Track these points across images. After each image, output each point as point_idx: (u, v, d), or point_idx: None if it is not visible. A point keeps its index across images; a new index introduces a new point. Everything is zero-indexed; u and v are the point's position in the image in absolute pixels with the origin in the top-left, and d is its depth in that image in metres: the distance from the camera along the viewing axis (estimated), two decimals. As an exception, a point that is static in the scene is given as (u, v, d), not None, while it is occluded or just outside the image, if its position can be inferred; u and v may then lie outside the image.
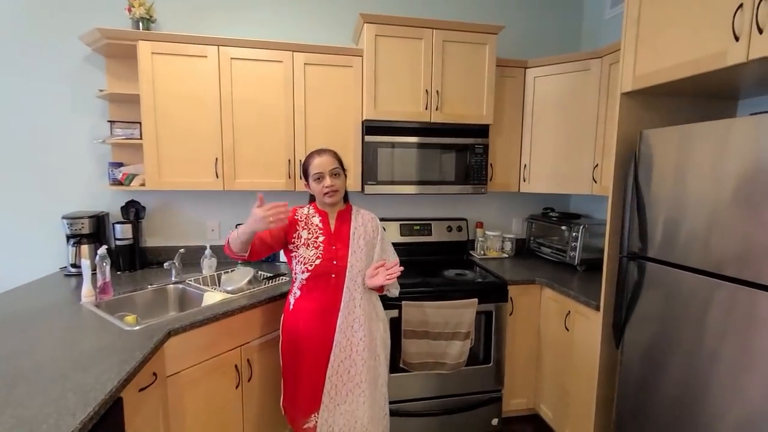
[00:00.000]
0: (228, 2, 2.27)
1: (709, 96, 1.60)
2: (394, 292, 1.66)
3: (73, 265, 2.02)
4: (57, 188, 2.18)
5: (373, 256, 1.59)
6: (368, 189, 2.15)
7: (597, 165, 2.13)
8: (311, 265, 1.51)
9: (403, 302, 1.91)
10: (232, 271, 2.03)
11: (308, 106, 2.10)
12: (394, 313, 1.94)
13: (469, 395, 2.10)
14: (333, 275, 1.52)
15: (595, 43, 2.57)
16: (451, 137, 2.21)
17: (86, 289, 1.61)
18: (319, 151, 1.54)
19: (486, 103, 2.20)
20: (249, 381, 1.71)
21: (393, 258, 1.65)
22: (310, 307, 1.53)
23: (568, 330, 1.95)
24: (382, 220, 2.47)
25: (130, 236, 2.13)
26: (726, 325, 1.17)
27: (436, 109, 2.15)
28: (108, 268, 1.67)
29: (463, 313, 1.95)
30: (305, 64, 2.07)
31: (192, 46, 1.94)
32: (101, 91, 2.06)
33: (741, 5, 1.12)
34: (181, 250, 2.03)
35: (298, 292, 1.56)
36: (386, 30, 2.05)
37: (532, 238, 2.73)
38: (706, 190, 1.24)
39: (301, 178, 2.02)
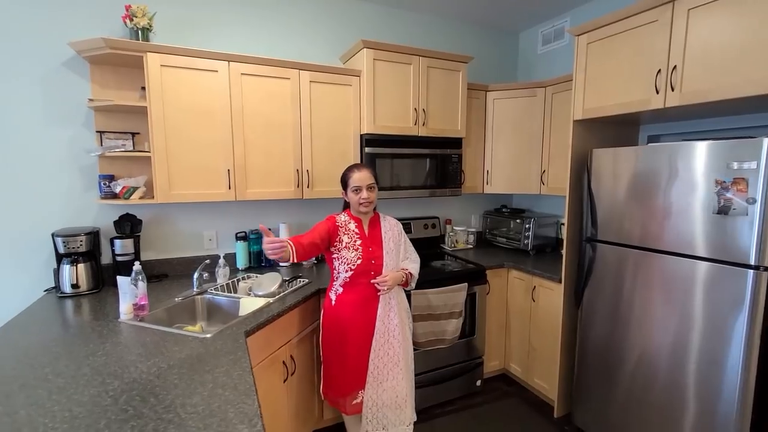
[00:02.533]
0: (218, 17, 2.30)
1: (625, 123, 2.25)
2: (412, 285, 1.94)
3: (74, 286, 1.89)
4: (33, 204, 1.99)
5: (400, 253, 1.89)
6: (368, 195, 2.42)
7: (544, 171, 2.72)
8: (354, 265, 1.75)
9: (411, 292, 2.24)
10: (256, 277, 2.12)
11: (313, 119, 2.28)
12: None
13: (460, 363, 2.53)
14: (372, 272, 1.78)
15: (529, 73, 3.20)
16: (434, 148, 2.60)
17: (126, 306, 1.60)
18: (358, 167, 1.79)
19: (460, 119, 2.64)
20: (292, 375, 1.87)
21: (414, 256, 1.97)
22: (352, 300, 1.77)
23: (534, 301, 2.50)
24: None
25: (132, 251, 2.07)
26: (646, 278, 1.76)
27: (423, 125, 2.52)
28: (145, 284, 1.67)
29: (458, 295, 2.36)
30: (311, 81, 2.24)
31: (203, 60, 1.98)
32: (92, 100, 1.96)
33: (660, 70, 1.71)
34: (207, 261, 2.05)
35: (340, 289, 1.80)
36: (382, 55, 2.34)
37: (487, 231, 3.27)
38: (628, 191, 1.82)
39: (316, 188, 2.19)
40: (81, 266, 1.92)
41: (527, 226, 2.85)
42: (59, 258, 1.92)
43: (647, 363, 1.81)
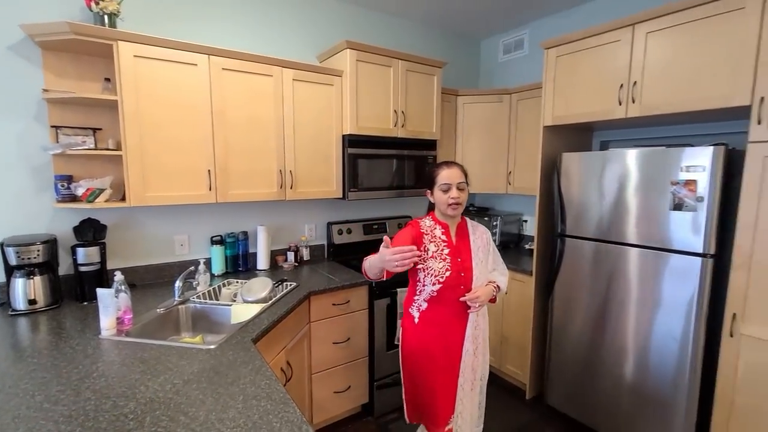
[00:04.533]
0: (192, 8, 2.15)
1: (583, 129, 2.50)
2: (498, 300, 1.74)
3: (31, 301, 1.66)
4: (-29, 209, 1.71)
5: (487, 265, 1.64)
6: (351, 195, 2.42)
7: (510, 172, 2.92)
8: (442, 277, 1.50)
9: (398, 289, 2.29)
10: (238, 282, 2.02)
11: (296, 118, 2.23)
12: (388, 300, 2.31)
13: (440, 357, 2.63)
14: (462, 286, 1.53)
15: (490, 80, 3.41)
16: (412, 149, 2.67)
17: (108, 320, 1.45)
18: (449, 163, 1.56)
19: (435, 122, 2.74)
20: (289, 380, 1.82)
21: (502, 267, 1.72)
22: (439, 317, 1.54)
23: (506, 293, 2.68)
24: (348, 222, 2.78)
25: (98, 260, 1.86)
26: (612, 268, 2.00)
27: (402, 126, 2.57)
28: (128, 295, 1.52)
29: (439, 291, 2.45)
30: (294, 80, 2.19)
31: (181, 52, 1.84)
32: (46, 91, 1.73)
33: (622, 85, 1.94)
34: (192, 268, 1.91)
35: (425, 305, 1.56)
36: (364, 56, 2.35)
37: (454, 229, 3.42)
38: (595, 190, 2.05)
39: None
40: (38, 279, 1.69)
41: (495, 223, 3.03)
42: (9, 270, 1.68)
43: (614, 344, 2.04)
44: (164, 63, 1.81)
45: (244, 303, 1.82)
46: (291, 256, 2.52)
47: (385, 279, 1.47)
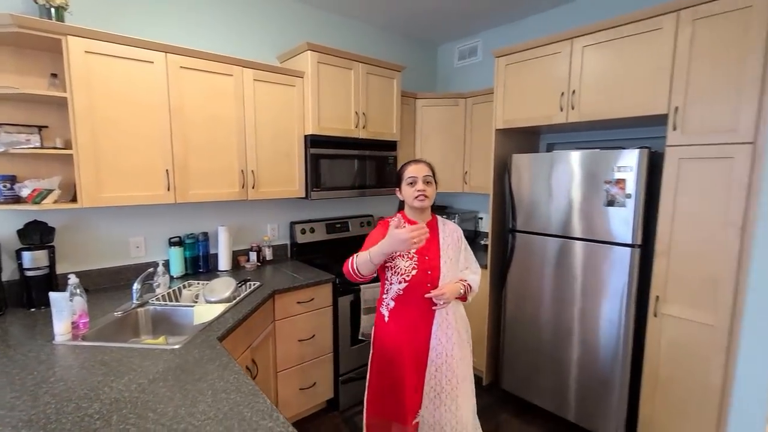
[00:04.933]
0: (145, 3, 2.10)
1: (531, 132, 2.70)
2: (470, 299, 1.66)
3: (-29, 310, 1.56)
4: None
5: (458, 263, 1.64)
6: (314, 195, 2.46)
7: (466, 171, 3.08)
8: (408, 276, 1.51)
9: (361, 286, 2.35)
10: (198, 284, 1.99)
11: (258, 118, 2.23)
12: (351, 297, 2.37)
13: (402, 350, 2.73)
14: (428, 284, 1.53)
15: (447, 84, 3.57)
16: (373, 150, 2.74)
17: (63, 325, 1.40)
18: (416, 161, 1.59)
19: (395, 123, 2.83)
20: (254, 379, 1.83)
21: (475, 266, 1.71)
22: (407, 316, 1.56)
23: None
24: (311, 221, 2.81)
25: (46, 264, 1.77)
26: (557, 259, 2.20)
27: (363, 128, 2.64)
28: (84, 298, 1.48)
29: (401, 287, 2.55)
30: (254, 80, 2.19)
31: (136, 49, 1.80)
32: (-14, 85, 1.63)
33: (563, 93, 2.13)
34: (150, 269, 1.86)
35: (392, 303, 1.57)
36: (326, 59, 2.39)
37: (415, 227, 3.55)
38: (542, 189, 2.24)
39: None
40: (-22, 286, 1.59)
41: (453, 220, 3.18)
42: (-56, 278, 1.57)
43: (561, 329, 2.24)
44: (119, 60, 1.76)
45: (207, 303, 1.81)
46: (253, 256, 2.51)
47: (367, 278, 1.47)
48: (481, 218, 3.36)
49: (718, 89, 1.66)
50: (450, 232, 1.64)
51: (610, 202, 1.98)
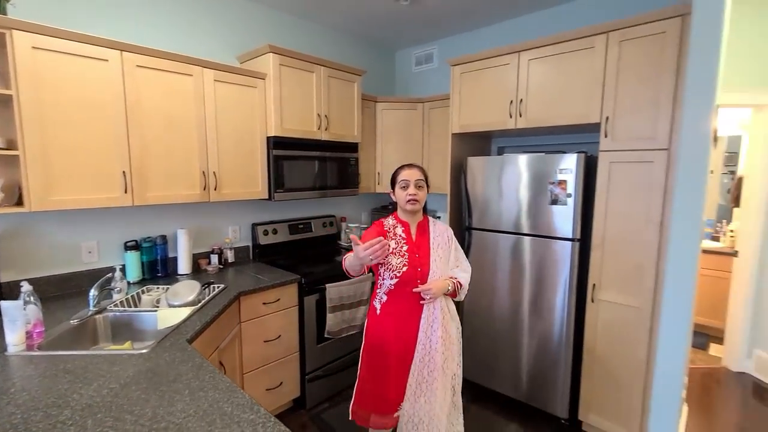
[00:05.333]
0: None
1: (484, 137, 2.90)
2: (461, 296, 1.72)
3: None
4: None
5: (448, 261, 1.73)
6: (277, 196, 2.47)
7: (425, 173, 3.23)
8: (399, 272, 1.62)
9: (327, 285, 2.41)
10: (158, 288, 1.94)
11: (219, 119, 2.21)
12: (317, 296, 2.42)
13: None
14: (418, 281, 1.63)
15: (406, 88, 3.70)
16: (335, 152, 2.80)
17: (16, 335, 1.33)
18: (409, 165, 1.69)
19: (356, 126, 2.91)
20: (222, 381, 1.83)
21: (465, 264, 1.79)
22: (397, 309, 1.65)
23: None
24: (274, 222, 2.82)
25: (-12, 272, 1.66)
26: (509, 254, 2.39)
27: (326, 130, 2.69)
28: (39, 306, 1.41)
29: (365, 285, 2.63)
30: (215, 80, 2.17)
31: (89, 46, 1.73)
32: None
33: (512, 101, 2.33)
34: (109, 274, 1.78)
35: (385, 297, 1.68)
36: (287, 61, 2.42)
37: (376, 226, 3.65)
38: (495, 189, 2.43)
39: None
40: None
41: (412, 220, 3.31)
42: None
43: (513, 317, 2.43)
44: (70, 57, 1.69)
45: (171, 308, 1.78)
46: (215, 258, 2.48)
47: (368, 271, 1.65)
48: (439, 217, 3.52)
49: (641, 102, 1.91)
50: (440, 233, 1.74)
51: (554, 201, 2.19)
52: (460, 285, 1.68)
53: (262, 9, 2.71)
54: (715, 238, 3.88)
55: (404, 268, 1.62)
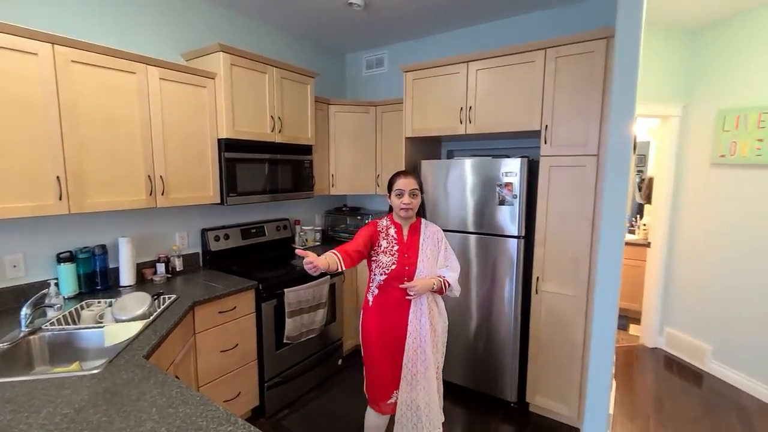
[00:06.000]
0: (17, -23, 1.81)
1: (434, 141, 3.03)
2: (455, 293, 1.88)
3: None
4: None
5: (437, 261, 1.86)
6: (230, 200, 2.39)
7: (378, 174, 3.30)
8: (388, 269, 1.78)
9: (285, 290, 2.38)
10: (99, 303, 1.79)
11: (165, 120, 2.09)
12: (275, 302, 2.38)
13: (325, 348, 2.82)
14: (405, 278, 1.78)
15: (357, 91, 3.74)
16: (289, 154, 2.76)
17: (-64, 365, 1.17)
18: (405, 173, 1.83)
19: (310, 128, 2.89)
20: (179, 396, 1.74)
21: (454, 264, 1.89)
22: (386, 303, 1.81)
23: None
24: (225, 227, 2.72)
25: None
26: (463, 253, 2.54)
27: (279, 132, 2.65)
28: (-37, 330, 1.25)
29: (323, 288, 2.64)
30: (161, 78, 2.05)
31: (14, 38, 1.55)
32: None
33: (462, 108, 2.47)
34: (44, 290, 1.60)
35: (376, 290, 1.83)
36: (239, 61, 2.35)
37: (329, 228, 3.65)
38: (446, 191, 2.56)
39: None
40: None
41: (366, 221, 3.37)
42: None
43: (465, 311, 2.58)
44: (-10, 48, 1.51)
45: (118, 322, 1.66)
46: (161, 267, 2.33)
47: (347, 267, 1.71)
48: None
49: (575, 112, 2.13)
50: (431, 234, 1.88)
51: (502, 202, 2.37)
52: (448, 284, 1.82)
53: (208, 6, 2.59)
54: (632, 231, 4.41)
55: (393, 266, 1.77)
